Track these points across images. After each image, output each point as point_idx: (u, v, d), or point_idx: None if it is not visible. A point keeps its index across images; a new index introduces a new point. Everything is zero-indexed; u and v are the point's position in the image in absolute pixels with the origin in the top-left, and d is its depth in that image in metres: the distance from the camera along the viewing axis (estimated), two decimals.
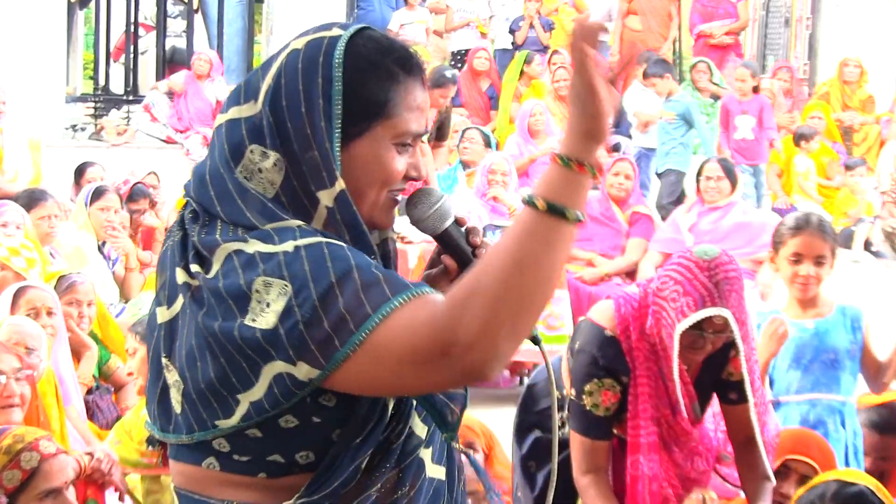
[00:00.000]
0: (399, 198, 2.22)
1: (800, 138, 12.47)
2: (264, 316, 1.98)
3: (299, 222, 2.09)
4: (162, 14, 14.57)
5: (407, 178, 2.20)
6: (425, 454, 2.20)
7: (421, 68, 2.20)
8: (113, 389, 6.13)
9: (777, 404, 4.91)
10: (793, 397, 4.92)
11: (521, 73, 13.67)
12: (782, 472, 4.30)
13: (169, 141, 12.53)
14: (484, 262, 1.96)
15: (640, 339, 3.99)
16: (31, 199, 7.48)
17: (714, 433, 4.27)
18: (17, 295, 5.52)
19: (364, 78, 2.13)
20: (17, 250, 6.22)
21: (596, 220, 8.98)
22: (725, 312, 3.83)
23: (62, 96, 12.92)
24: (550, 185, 1.95)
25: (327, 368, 1.98)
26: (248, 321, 1.99)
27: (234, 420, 2.06)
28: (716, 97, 14.45)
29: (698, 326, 3.86)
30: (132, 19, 14.62)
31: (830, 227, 4.96)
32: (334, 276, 1.98)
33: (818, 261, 4.83)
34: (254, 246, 2.04)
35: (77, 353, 5.90)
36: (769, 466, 4.09)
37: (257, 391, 2.02)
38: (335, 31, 2.17)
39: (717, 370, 4.13)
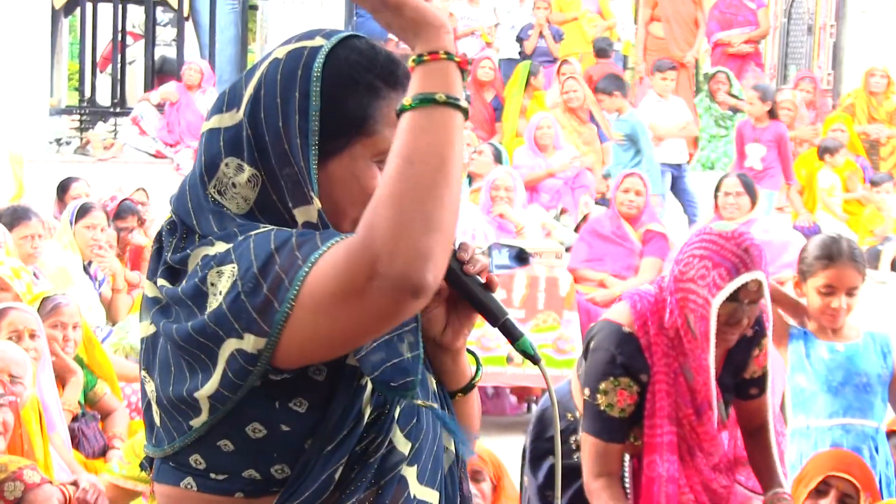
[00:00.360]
0: None
1: (824, 152, 12.48)
2: (216, 301, 2.02)
3: (271, 226, 2.11)
4: (151, 22, 14.63)
5: None
6: (409, 472, 2.19)
7: (409, 80, 2.17)
8: (99, 416, 6.15)
9: (807, 429, 4.96)
10: (824, 422, 4.94)
11: (527, 84, 13.75)
12: (822, 489, 4.35)
13: (158, 155, 12.57)
14: (394, 170, 1.96)
15: (659, 334, 4.03)
16: (13, 218, 7.50)
17: (727, 444, 4.31)
18: None
19: (343, 93, 2.14)
20: (18, 272, 6.26)
21: (607, 240, 9.02)
22: (761, 276, 3.90)
23: (46, 109, 12.98)
24: (413, 85, 2.01)
25: (272, 334, 1.99)
26: (206, 317, 2.03)
27: (205, 415, 2.09)
28: (735, 110, 14.49)
29: (734, 298, 3.91)
30: (119, 27, 14.68)
31: (861, 254, 4.97)
32: (274, 245, 2.01)
33: (850, 292, 4.87)
34: (217, 247, 2.08)
35: (62, 379, 5.92)
36: (781, 472, 4.17)
37: (213, 382, 2.04)
38: (317, 41, 2.17)
39: (739, 371, 4.19)
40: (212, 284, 2.04)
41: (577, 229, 10.47)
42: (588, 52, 14.98)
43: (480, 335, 7.80)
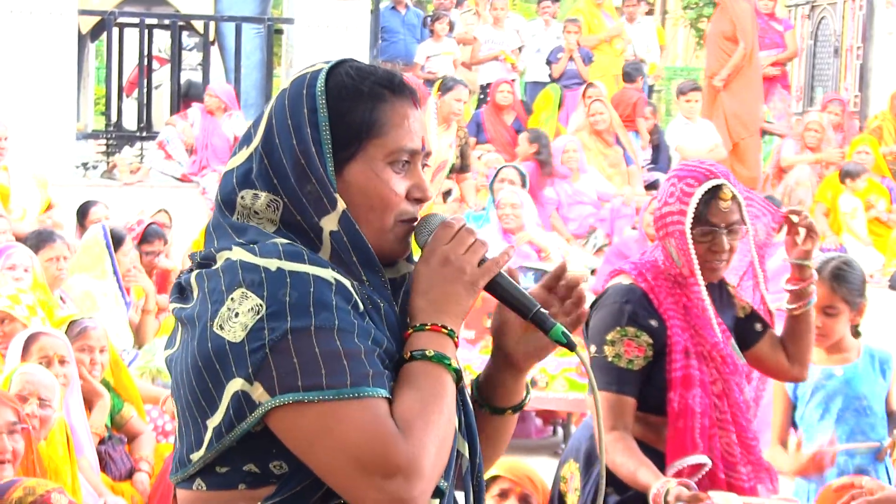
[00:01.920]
0: (412, 227, 2.31)
1: (845, 176, 12.46)
2: (231, 326, 2.13)
3: (285, 240, 2.22)
4: (177, 46, 14.69)
5: (410, 199, 2.30)
6: None
7: (410, 88, 2.32)
8: (126, 439, 6.19)
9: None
10: (828, 449, 4.94)
11: (560, 107, 13.82)
12: None
13: (184, 179, 12.62)
14: (429, 404, 2.16)
15: (658, 278, 4.06)
16: (38, 240, 7.55)
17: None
18: (29, 342, 5.58)
19: (348, 101, 2.26)
20: (17, 297, 6.28)
21: None
22: (729, 185, 3.96)
23: (72, 133, 13.03)
24: (450, 349, 2.23)
25: (278, 398, 2.10)
26: (215, 327, 2.14)
27: (202, 451, 2.19)
28: (763, 133, 14.48)
29: (708, 223, 3.96)
30: (145, 52, 14.75)
31: (853, 276, 4.89)
32: (314, 322, 2.12)
33: (826, 311, 4.84)
34: (237, 254, 2.20)
35: (89, 402, 5.96)
36: None
37: (219, 414, 2.14)
38: (318, 66, 2.32)
39: (730, 315, 4.21)
40: (232, 299, 2.14)
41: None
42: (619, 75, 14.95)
43: None
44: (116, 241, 7.98)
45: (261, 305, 2.11)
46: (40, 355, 5.54)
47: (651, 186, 12.90)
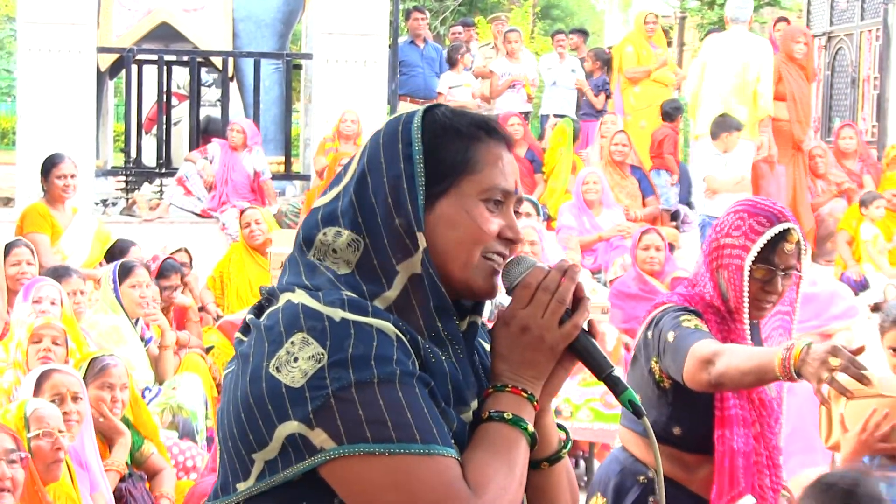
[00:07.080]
0: (498, 266, 2.28)
1: (861, 205, 12.39)
2: (290, 370, 2.10)
3: (350, 293, 2.18)
4: (195, 83, 14.68)
5: (502, 238, 2.27)
6: None
7: (503, 133, 2.32)
8: (146, 477, 6.13)
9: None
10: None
11: (575, 140, 13.76)
12: None
13: (204, 215, 12.57)
14: (503, 468, 2.16)
15: (706, 311, 3.99)
16: (55, 276, 7.50)
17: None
18: (42, 379, 5.52)
19: (444, 139, 2.27)
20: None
21: (636, 298, 8.90)
22: (798, 232, 3.88)
23: (92, 170, 13.00)
24: (528, 413, 2.25)
25: (346, 447, 2.07)
26: (271, 368, 2.11)
27: (251, 481, 2.15)
28: None
29: (770, 262, 3.87)
30: (164, 88, 14.75)
31: None
32: (378, 376, 2.09)
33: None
34: (300, 297, 2.18)
35: (110, 440, 5.93)
36: None
37: (271, 450, 2.11)
38: (413, 110, 2.32)
39: None
40: (292, 343, 2.11)
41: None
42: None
43: None
44: (123, 272, 7.85)
45: (322, 354, 2.09)
46: (53, 392, 5.47)
47: (673, 217, 12.80)
